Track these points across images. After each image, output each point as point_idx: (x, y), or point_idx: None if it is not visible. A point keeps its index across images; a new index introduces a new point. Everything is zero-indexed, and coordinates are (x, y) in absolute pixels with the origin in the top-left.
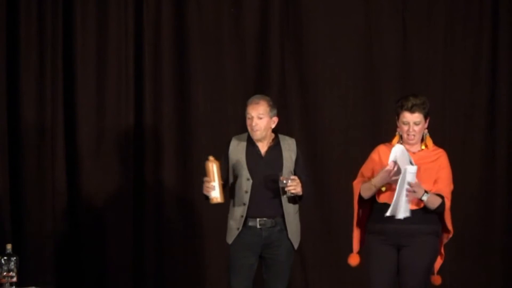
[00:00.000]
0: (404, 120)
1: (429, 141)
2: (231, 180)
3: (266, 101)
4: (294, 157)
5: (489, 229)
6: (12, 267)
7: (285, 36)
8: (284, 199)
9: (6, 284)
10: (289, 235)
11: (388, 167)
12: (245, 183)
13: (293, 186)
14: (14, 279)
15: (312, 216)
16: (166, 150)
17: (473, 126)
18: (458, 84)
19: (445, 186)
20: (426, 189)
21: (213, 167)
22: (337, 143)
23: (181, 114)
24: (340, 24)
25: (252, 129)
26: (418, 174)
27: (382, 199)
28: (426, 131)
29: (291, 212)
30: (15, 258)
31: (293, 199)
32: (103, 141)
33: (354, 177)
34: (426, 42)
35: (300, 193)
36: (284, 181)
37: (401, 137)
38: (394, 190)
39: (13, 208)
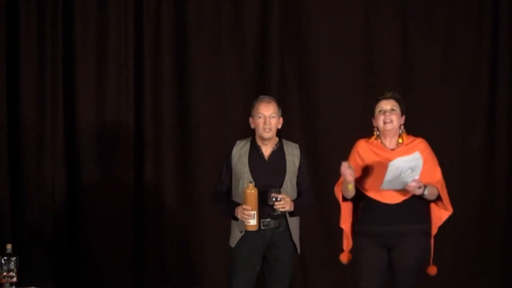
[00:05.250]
0: (380, 109)
1: (404, 136)
2: (233, 183)
3: (275, 101)
4: (297, 163)
5: (489, 229)
6: (12, 267)
7: (285, 36)
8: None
9: (6, 284)
10: (293, 237)
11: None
12: None
13: (281, 205)
14: (14, 279)
15: (312, 216)
16: (166, 150)
17: (473, 126)
18: (458, 84)
19: (437, 178)
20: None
21: (253, 195)
22: (336, 143)
23: (181, 114)
24: (340, 24)
25: (264, 129)
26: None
27: (369, 193)
28: (402, 127)
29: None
30: (15, 258)
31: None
32: (103, 141)
33: None
34: (426, 42)
35: (290, 210)
36: (274, 199)
37: (377, 136)
38: (376, 184)
39: (13, 208)
